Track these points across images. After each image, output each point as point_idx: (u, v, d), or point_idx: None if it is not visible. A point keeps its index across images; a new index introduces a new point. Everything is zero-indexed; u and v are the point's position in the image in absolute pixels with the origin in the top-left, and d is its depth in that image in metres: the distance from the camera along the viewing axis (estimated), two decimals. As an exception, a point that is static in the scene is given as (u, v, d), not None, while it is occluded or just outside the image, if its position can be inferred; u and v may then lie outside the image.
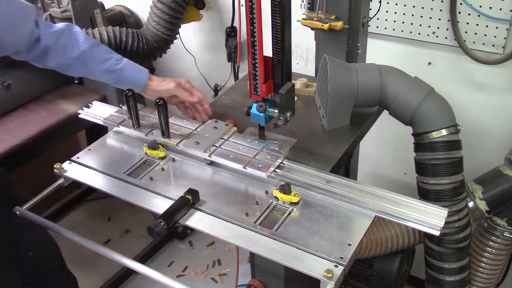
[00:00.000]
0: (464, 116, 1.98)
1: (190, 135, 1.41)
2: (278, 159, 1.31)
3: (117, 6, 2.71)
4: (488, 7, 1.77)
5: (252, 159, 1.30)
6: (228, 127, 1.42)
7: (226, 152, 1.34)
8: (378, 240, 1.66)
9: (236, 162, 1.30)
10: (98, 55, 1.48)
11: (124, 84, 1.49)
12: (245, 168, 1.28)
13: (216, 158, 1.32)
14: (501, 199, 1.68)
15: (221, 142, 1.37)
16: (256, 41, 1.22)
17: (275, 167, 1.29)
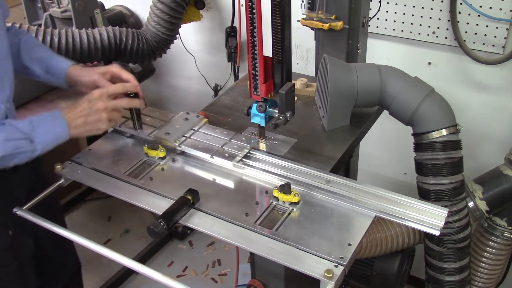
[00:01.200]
0: (464, 116, 1.98)
1: (161, 126, 1.46)
2: (245, 148, 1.35)
3: (117, 6, 2.71)
4: (488, 7, 1.77)
5: (219, 149, 1.35)
6: (199, 118, 1.48)
7: (196, 142, 1.39)
8: (378, 240, 1.66)
9: (204, 152, 1.35)
10: (29, 44, 1.48)
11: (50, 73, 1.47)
12: (212, 157, 1.33)
13: (185, 148, 1.38)
14: (501, 199, 1.68)
15: (191, 133, 1.43)
16: (256, 41, 1.22)
17: (242, 156, 1.33)
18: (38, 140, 1.22)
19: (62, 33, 1.88)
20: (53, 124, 1.26)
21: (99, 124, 1.30)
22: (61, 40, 1.86)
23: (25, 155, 1.22)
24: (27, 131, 1.21)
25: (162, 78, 2.98)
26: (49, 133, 1.25)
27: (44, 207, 1.38)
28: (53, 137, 1.25)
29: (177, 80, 2.93)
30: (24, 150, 1.21)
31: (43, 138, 1.23)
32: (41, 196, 1.34)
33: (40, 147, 1.23)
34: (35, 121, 1.24)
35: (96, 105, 1.29)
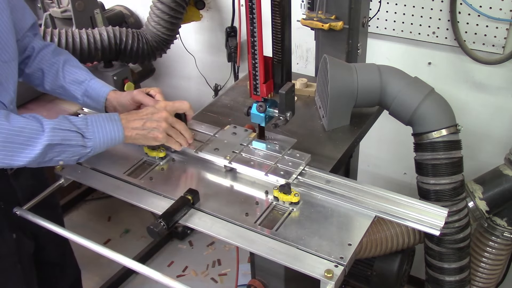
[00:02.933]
0: (464, 116, 1.98)
1: (208, 141, 1.40)
2: (300, 165, 1.30)
3: (117, 6, 2.72)
4: (488, 7, 1.77)
5: (273, 166, 1.29)
6: (247, 132, 1.41)
7: (246, 158, 1.33)
8: (378, 240, 1.66)
9: (257, 169, 1.29)
10: (70, 65, 1.46)
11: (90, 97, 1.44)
12: (267, 175, 1.27)
13: (236, 165, 1.31)
14: (501, 199, 1.68)
15: (240, 149, 1.36)
16: (256, 41, 1.22)
17: (298, 174, 1.28)
18: (89, 136, 1.18)
19: (62, 33, 1.88)
20: (108, 123, 1.21)
21: (157, 132, 1.25)
22: (61, 40, 1.87)
23: (75, 150, 1.17)
24: (79, 125, 1.17)
25: (162, 78, 2.98)
26: (102, 131, 1.20)
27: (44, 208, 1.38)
28: (106, 136, 1.20)
29: (177, 80, 2.93)
30: (74, 143, 1.16)
31: (95, 135, 1.18)
32: (41, 196, 1.34)
33: (92, 144, 1.18)
34: (90, 118, 1.20)
35: (158, 113, 1.26)
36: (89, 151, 1.19)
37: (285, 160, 1.31)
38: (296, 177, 1.27)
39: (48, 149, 1.13)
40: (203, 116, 1.63)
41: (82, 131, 1.17)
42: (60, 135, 1.14)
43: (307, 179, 1.27)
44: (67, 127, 1.15)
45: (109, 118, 1.23)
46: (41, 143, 1.12)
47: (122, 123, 1.23)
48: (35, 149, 1.12)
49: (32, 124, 1.13)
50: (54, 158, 1.16)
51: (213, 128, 1.45)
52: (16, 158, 1.11)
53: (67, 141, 1.15)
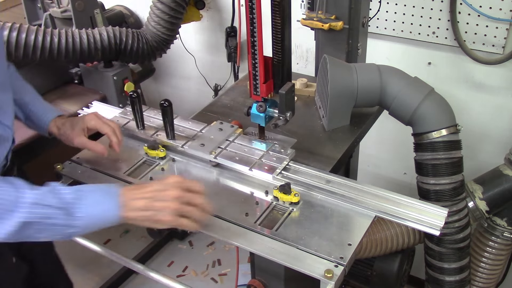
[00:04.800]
0: (464, 116, 1.98)
1: (195, 137, 1.40)
2: (284, 161, 1.30)
3: (117, 6, 2.71)
4: (488, 7, 1.77)
5: (258, 161, 1.30)
6: (233, 128, 1.42)
7: (232, 154, 1.33)
8: (378, 240, 1.66)
9: (242, 164, 1.29)
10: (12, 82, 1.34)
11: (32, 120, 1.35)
12: (251, 170, 1.28)
13: (222, 160, 1.32)
14: (501, 199, 1.68)
15: (226, 144, 1.37)
16: (256, 41, 1.22)
17: (281, 169, 1.29)
18: (79, 213, 0.99)
19: (62, 33, 1.88)
20: (104, 199, 1.02)
21: (162, 215, 1.04)
22: (61, 40, 1.86)
23: (58, 229, 0.99)
24: (69, 199, 1.00)
25: (162, 78, 2.98)
26: (95, 209, 1.01)
27: None
28: (98, 215, 1.01)
29: (177, 80, 2.93)
30: (55, 222, 0.98)
31: (85, 214, 1.00)
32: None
33: (80, 224, 1.00)
34: (84, 191, 1.03)
35: (167, 191, 1.05)
36: (76, 232, 1.02)
37: (270, 155, 1.32)
38: (280, 171, 1.28)
39: (24, 226, 0.97)
40: (203, 116, 1.63)
41: (70, 208, 0.99)
42: (40, 212, 0.97)
43: (291, 174, 1.28)
44: (51, 202, 0.98)
45: (106, 191, 1.05)
46: (15, 219, 0.95)
47: (120, 200, 1.03)
48: (7, 226, 0.95)
49: (10, 194, 0.97)
50: (33, 235, 1.00)
51: (200, 124, 1.46)
52: None
53: (48, 219, 0.98)
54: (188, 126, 1.45)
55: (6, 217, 0.95)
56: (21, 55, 1.80)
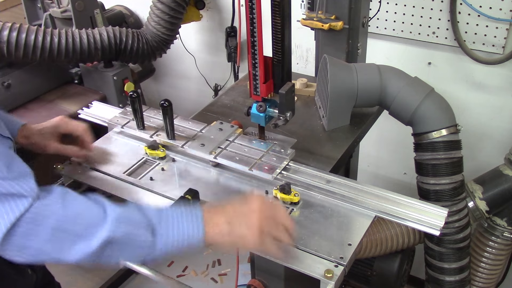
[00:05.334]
0: (464, 116, 1.98)
1: (195, 137, 1.40)
2: (284, 161, 1.30)
3: (117, 6, 2.71)
4: (488, 7, 1.77)
5: (258, 161, 1.30)
6: (233, 128, 1.42)
7: (232, 154, 1.33)
8: (378, 240, 1.66)
9: (242, 164, 1.29)
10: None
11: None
12: (251, 170, 1.28)
13: (222, 160, 1.32)
14: (501, 199, 1.68)
15: (226, 144, 1.36)
16: (256, 41, 1.22)
17: (281, 169, 1.29)
18: (160, 232, 0.95)
19: (62, 33, 1.88)
20: (190, 223, 0.97)
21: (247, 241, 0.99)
22: (61, 40, 1.86)
23: (140, 250, 0.94)
24: (151, 217, 0.96)
25: (162, 78, 2.98)
26: (178, 229, 0.96)
27: None
28: (182, 236, 0.96)
29: (177, 80, 2.93)
30: (140, 240, 0.93)
31: (167, 234, 0.95)
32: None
33: (161, 243, 0.95)
34: (165, 211, 0.99)
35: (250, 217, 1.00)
36: (156, 253, 0.96)
37: (270, 155, 1.32)
38: (280, 172, 1.28)
39: (108, 244, 0.91)
40: (203, 116, 1.63)
41: (153, 226, 0.95)
42: (125, 227, 0.92)
43: (291, 174, 1.28)
44: (136, 218, 0.94)
45: (189, 212, 1.00)
46: (100, 236, 0.90)
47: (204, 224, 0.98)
48: (93, 243, 0.90)
49: (93, 209, 0.93)
50: (113, 255, 0.93)
51: (200, 124, 1.46)
52: (67, 252, 0.90)
53: (133, 236, 0.93)
54: (188, 126, 1.45)
55: (90, 233, 0.90)
56: (21, 55, 1.80)
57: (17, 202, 0.89)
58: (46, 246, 0.89)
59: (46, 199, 0.91)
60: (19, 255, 0.90)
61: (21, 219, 0.88)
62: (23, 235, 0.88)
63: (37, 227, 0.88)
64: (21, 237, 0.88)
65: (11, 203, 0.88)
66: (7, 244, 0.88)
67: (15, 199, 0.89)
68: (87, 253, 0.90)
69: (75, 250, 0.90)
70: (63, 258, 0.90)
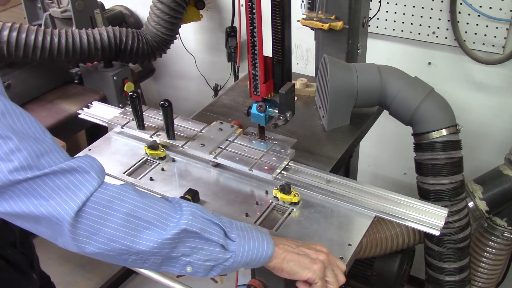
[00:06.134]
0: (464, 116, 1.98)
1: (195, 137, 1.40)
2: (284, 161, 1.30)
3: (117, 6, 2.71)
4: (488, 7, 1.77)
5: (258, 161, 1.30)
6: (233, 128, 1.42)
7: (232, 154, 1.33)
8: (378, 240, 1.66)
9: (242, 164, 1.29)
10: None
11: None
12: (251, 170, 1.28)
13: (222, 160, 1.32)
14: (501, 199, 1.68)
15: (226, 144, 1.36)
16: (256, 41, 1.22)
17: (281, 169, 1.29)
18: (234, 237, 0.94)
19: (62, 33, 1.88)
20: (256, 232, 0.98)
21: (311, 265, 0.98)
22: (61, 40, 1.86)
23: (213, 250, 0.92)
24: (222, 220, 0.96)
25: (162, 78, 2.98)
26: (249, 237, 0.95)
27: None
28: (253, 245, 0.95)
29: (177, 80, 2.93)
30: (214, 238, 0.92)
31: (240, 238, 0.94)
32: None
33: (234, 248, 0.93)
34: (236, 222, 0.99)
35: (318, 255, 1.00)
36: (228, 258, 0.93)
37: (270, 155, 1.32)
38: (280, 172, 1.27)
39: (183, 236, 0.89)
40: (203, 116, 1.63)
41: (225, 228, 0.94)
42: (200, 223, 0.91)
43: (291, 174, 1.27)
44: (209, 216, 0.94)
45: (257, 229, 1.00)
46: (176, 225, 0.88)
47: (274, 244, 0.98)
48: (167, 231, 0.87)
49: (167, 203, 0.92)
50: (183, 255, 0.92)
51: (200, 124, 1.46)
52: (139, 238, 0.86)
53: (207, 233, 0.91)
54: (188, 126, 1.45)
55: (165, 221, 0.88)
56: (21, 55, 1.80)
57: (84, 176, 0.82)
58: (119, 233, 0.85)
59: (116, 186, 0.87)
60: (90, 243, 0.84)
61: (92, 199, 0.82)
62: (95, 219, 0.83)
63: (110, 210, 0.84)
64: (92, 222, 0.82)
65: (77, 178, 0.81)
66: (78, 229, 0.82)
67: (82, 174, 0.82)
68: (161, 241, 0.86)
69: (147, 237, 0.86)
70: (134, 246, 0.86)
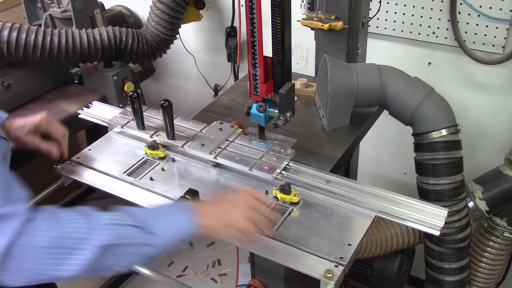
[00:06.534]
0: (464, 116, 1.98)
1: (195, 137, 1.40)
2: (284, 161, 1.30)
3: (117, 6, 2.71)
4: (488, 7, 1.77)
5: (258, 161, 1.30)
6: (233, 128, 1.42)
7: (232, 154, 1.33)
8: (378, 240, 1.66)
9: (242, 164, 1.29)
10: None
11: None
12: (251, 170, 1.28)
13: (222, 160, 1.32)
14: (501, 199, 1.68)
15: (226, 144, 1.36)
16: (256, 41, 1.22)
17: (281, 169, 1.29)
18: (157, 232, 0.96)
19: (62, 33, 1.88)
20: (177, 213, 1.02)
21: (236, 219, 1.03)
22: (61, 40, 1.86)
23: (138, 250, 0.95)
24: (141, 218, 0.98)
25: (162, 78, 2.98)
26: (171, 224, 0.99)
27: None
28: (176, 229, 0.98)
29: (177, 80, 2.93)
30: (135, 242, 0.95)
31: (163, 230, 0.97)
32: (42, 196, 1.34)
33: (160, 241, 0.96)
34: (155, 209, 1.05)
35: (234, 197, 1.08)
36: (157, 251, 0.97)
37: (270, 155, 1.32)
38: (280, 172, 1.27)
39: (104, 251, 0.92)
40: (203, 116, 1.63)
41: (147, 227, 0.97)
42: (119, 232, 0.94)
43: (291, 174, 1.27)
44: (128, 221, 0.96)
45: (177, 207, 1.06)
46: (94, 244, 0.91)
47: (193, 211, 1.02)
48: (87, 253, 0.91)
49: (81, 222, 0.94)
50: (114, 261, 0.94)
51: (200, 124, 1.46)
52: (63, 266, 0.90)
53: (128, 239, 0.94)
54: (188, 126, 1.45)
55: (83, 245, 0.91)
56: (21, 55, 1.79)
57: (7, 224, 0.89)
58: (42, 265, 0.90)
59: (38, 219, 0.92)
60: (17, 278, 0.90)
61: (15, 241, 0.88)
62: (19, 257, 0.88)
63: (31, 247, 0.89)
64: (16, 260, 0.88)
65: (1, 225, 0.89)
66: (4, 269, 0.88)
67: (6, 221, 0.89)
68: (84, 264, 0.90)
69: (71, 265, 0.90)
70: (61, 274, 0.91)
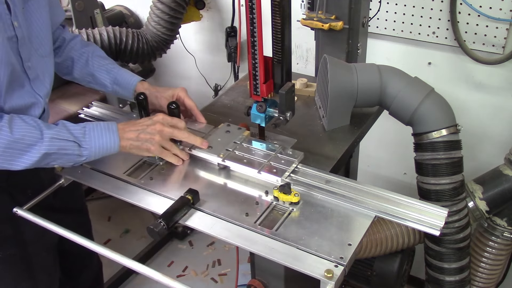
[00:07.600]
0: (464, 116, 1.98)
1: None
2: (293, 163, 1.30)
3: (117, 6, 2.72)
4: (488, 7, 1.77)
5: (266, 164, 1.30)
6: (241, 130, 1.41)
7: (239, 156, 1.33)
8: (378, 240, 1.66)
9: (250, 167, 1.29)
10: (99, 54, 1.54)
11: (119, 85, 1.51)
12: (260, 173, 1.28)
13: (230, 162, 1.32)
14: (501, 199, 1.68)
15: (234, 146, 1.36)
16: (256, 41, 1.22)
17: (290, 171, 1.28)
18: (86, 145, 1.23)
19: (62, 33, 1.88)
20: (106, 133, 1.26)
21: (149, 144, 1.29)
22: (61, 40, 1.86)
23: (70, 157, 1.23)
24: (76, 134, 1.23)
25: (162, 78, 2.98)
26: (99, 141, 1.25)
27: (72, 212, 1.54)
28: (102, 145, 1.25)
29: (177, 80, 2.93)
30: (70, 152, 1.22)
31: (91, 144, 1.24)
32: (42, 196, 1.34)
33: (87, 153, 1.24)
34: (88, 127, 1.25)
35: (153, 126, 1.29)
36: (84, 159, 1.25)
37: (278, 158, 1.31)
38: (289, 174, 1.27)
39: (45, 156, 1.20)
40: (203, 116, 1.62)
41: (79, 141, 1.23)
42: (57, 144, 1.20)
43: (300, 177, 1.27)
44: (65, 137, 1.21)
45: (107, 128, 1.27)
46: (39, 151, 1.18)
47: (118, 133, 1.27)
48: (33, 157, 1.18)
49: (33, 132, 1.18)
50: (50, 163, 1.23)
51: (207, 126, 1.46)
52: (14, 163, 1.19)
53: (64, 150, 1.21)
54: (195, 129, 1.45)
55: (31, 149, 1.17)
56: (21, 55, 1.79)
57: None
58: None
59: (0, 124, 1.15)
60: None
61: None
62: None
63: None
64: None
65: None
66: None
67: None
68: (29, 164, 1.19)
69: (20, 162, 1.18)
70: (11, 167, 1.19)
